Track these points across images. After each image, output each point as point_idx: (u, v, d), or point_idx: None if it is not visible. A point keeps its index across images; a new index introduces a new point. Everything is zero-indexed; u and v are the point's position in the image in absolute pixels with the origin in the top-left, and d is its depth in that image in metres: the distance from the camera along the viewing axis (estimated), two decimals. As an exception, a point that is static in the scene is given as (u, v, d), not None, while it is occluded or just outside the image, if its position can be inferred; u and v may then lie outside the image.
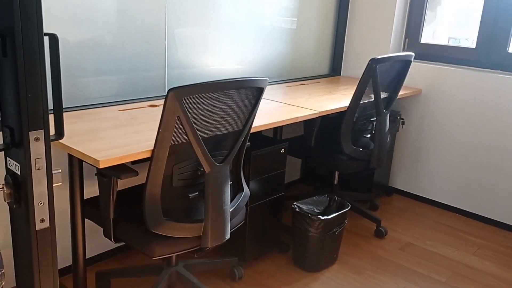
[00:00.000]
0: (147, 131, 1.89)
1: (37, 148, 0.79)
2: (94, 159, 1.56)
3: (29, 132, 0.78)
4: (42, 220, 0.84)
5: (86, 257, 2.09)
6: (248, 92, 1.78)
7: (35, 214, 0.83)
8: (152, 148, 1.64)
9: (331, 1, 3.44)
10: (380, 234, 2.85)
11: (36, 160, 0.80)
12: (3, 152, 0.82)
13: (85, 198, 1.96)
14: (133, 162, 2.03)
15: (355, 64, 3.54)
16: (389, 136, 2.78)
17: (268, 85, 3.07)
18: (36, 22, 0.74)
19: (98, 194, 1.85)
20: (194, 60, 2.66)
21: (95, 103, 2.25)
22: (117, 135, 1.82)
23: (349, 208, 2.45)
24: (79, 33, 2.12)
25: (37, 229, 0.84)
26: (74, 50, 2.13)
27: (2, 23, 0.75)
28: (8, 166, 0.85)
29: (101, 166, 1.56)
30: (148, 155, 1.66)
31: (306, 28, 3.32)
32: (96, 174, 1.78)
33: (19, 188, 0.83)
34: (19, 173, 0.82)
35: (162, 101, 1.59)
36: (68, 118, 2.01)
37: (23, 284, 0.90)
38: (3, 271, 0.93)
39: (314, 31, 3.40)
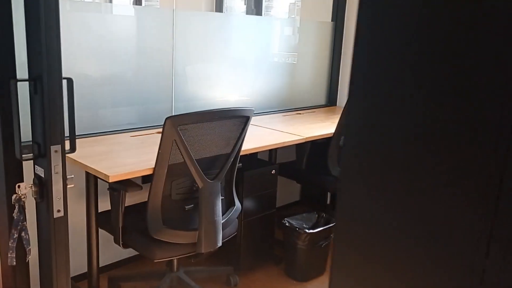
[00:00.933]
0: (152, 153, 2.22)
1: (55, 158, 1.13)
2: (105, 174, 1.90)
3: (51, 146, 1.11)
4: (58, 211, 1.17)
5: (100, 266, 2.41)
6: (236, 120, 2.12)
7: (54, 206, 1.16)
8: (153, 166, 1.98)
9: (327, 37, 3.80)
10: (367, 249, 3.09)
11: (55, 166, 1.13)
12: (31, 161, 1.16)
13: (99, 211, 2.30)
14: (144, 181, 2.37)
15: (349, 95, 3.85)
16: (375, 159, 3.06)
17: (267, 114, 3.42)
18: (58, 70, 1.08)
19: (109, 208, 2.19)
20: (199, 93, 3.02)
21: (111, 130, 2.61)
22: (127, 156, 2.17)
23: (334, 223, 2.73)
24: (99, 70, 2.50)
25: (54, 217, 1.16)
26: (96, 85, 2.51)
27: (35, 71, 1.10)
28: (36, 171, 1.19)
29: (110, 181, 1.90)
30: (150, 172, 1.99)
31: (304, 62, 3.67)
32: (108, 189, 2.12)
33: (43, 187, 1.16)
34: (43, 176, 1.15)
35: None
36: (87, 142, 2.37)
37: (45, 257, 1.22)
38: (29, 247, 1.26)
39: (312, 65, 3.75)
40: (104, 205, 2.61)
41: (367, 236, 1.14)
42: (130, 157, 2.15)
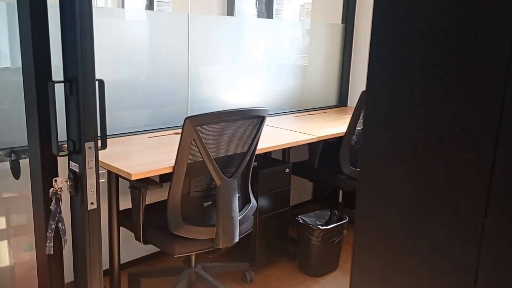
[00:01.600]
0: (171, 153, 2.31)
1: (89, 154, 1.21)
2: (127, 172, 1.99)
3: (85, 143, 1.19)
4: (92, 203, 1.25)
5: (121, 263, 2.50)
6: (251, 120, 2.20)
7: (88, 198, 1.24)
8: (173, 165, 2.06)
9: (337, 39, 3.87)
10: (379, 246, 3.16)
11: (88, 161, 1.21)
12: (64, 158, 1.25)
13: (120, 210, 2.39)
14: (162, 180, 2.46)
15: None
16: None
17: (280, 114, 3.50)
18: (91, 72, 1.17)
19: (128, 207, 2.28)
20: (213, 95, 3.10)
21: (128, 132, 2.71)
22: (146, 155, 2.26)
23: (347, 220, 2.80)
24: (116, 73, 2.60)
25: (88, 209, 1.25)
26: (112, 88, 2.60)
27: (70, 73, 1.19)
28: (70, 167, 1.27)
29: (133, 178, 1.98)
30: (170, 170, 2.08)
31: (316, 64, 3.75)
32: (129, 187, 2.21)
33: (77, 181, 1.25)
34: (77, 171, 1.24)
35: (183, 129, 2.03)
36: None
37: (79, 247, 1.30)
38: (65, 238, 1.34)
39: (323, 67, 3.82)
40: (124, 204, 2.71)
41: (388, 212, 1.22)
42: (149, 156, 2.23)
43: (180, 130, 2.88)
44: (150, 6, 4.99)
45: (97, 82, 1.22)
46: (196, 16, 2.88)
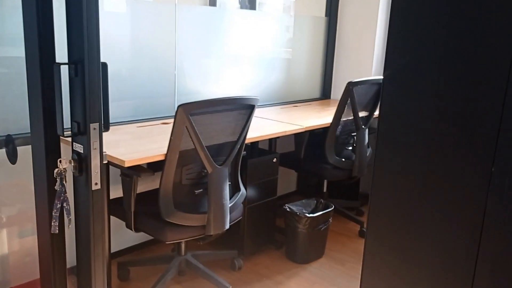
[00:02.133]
0: (161, 141, 2.33)
1: (94, 135, 1.23)
2: (120, 160, 2.00)
3: (90, 124, 1.21)
4: (96, 184, 1.27)
5: (111, 251, 2.51)
6: (242, 108, 2.23)
7: (92, 179, 1.26)
8: (165, 152, 2.08)
9: (321, 32, 3.93)
10: (363, 234, 3.24)
11: (93, 142, 1.23)
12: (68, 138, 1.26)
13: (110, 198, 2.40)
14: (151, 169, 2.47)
15: (343, 88, 3.99)
16: (369, 149, 3.21)
17: (265, 106, 3.54)
18: (97, 55, 1.18)
19: (119, 196, 2.29)
20: (200, 87, 3.12)
21: (117, 121, 2.71)
22: (137, 144, 2.27)
23: (332, 208, 2.87)
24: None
25: (93, 189, 1.27)
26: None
27: (75, 55, 1.20)
28: (74, 148, 1.29)
29: (126, 165, 2.00)
30: (162, 158, 2.10)
31: (299, 57, 3.80)
32: (120, 175, 2.22)
33: (82, 162, 1.26)
34: (82, 152, 1.25)
35: (173, 120, 2.05)
36: (96, 132, 2.46)
37: (83, 228, 1.32)
38: (70, 217, 1.36)
39: (306, 60, 3.88)
40: (113, 193, 2.71)
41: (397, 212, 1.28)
42: (140, 145, 2.25)
43: (168, 120, 2.91)
44: None
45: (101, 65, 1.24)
46: (183, 6, 2.90)
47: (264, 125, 2.85)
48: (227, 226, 2.30)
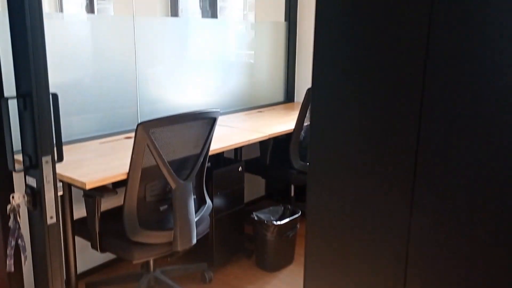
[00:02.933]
0: (124, 159, 2.30)
1: (47, 168, 1.20)
2: (81, 182, 1.96)
3: (42, 157, 1.18)
4: (51, 217, 1.24)
5: (78, 272, 2.46)
6: (203, 122, 2.22)
7: (47, 213, 1.23)
8: (127, 171, 2.05)
9: (281, 37, 3.95)
10: (332, 237, 3.27)
11: (46, 176, 1.20)
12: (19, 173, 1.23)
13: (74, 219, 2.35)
14: (115, 186, 2.43)
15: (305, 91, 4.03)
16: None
17: (229, 113, 3.53)
18: (46, 86, 1.15)
19: (84, 216, 2.25)
20: (163, 95, 3.09)
21: (80, 138, 2.66)
22: (99, 163, 2.23)
23: (299, 214, 2.89)
24: (62, 76, 2.54)
25: (48, 223, 1.24)
26: (58, 92, 2.54)
27: (23, 88, 1.17)
28: (27, 182, 1.26)
29: (87, 188, 1.96)
30: (124, 176, 2.07)
31: (262, 62, 3.81)
32: (83, 196, 2.18)
33: (35, 196, 1.23)
34: (35, 186, 1.22)
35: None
36: (56, 152, 2.41)
37: (40, 263, 1.29)
38: (26, 254, 1.32)
39: (269, 64, 3.89)
40: (78, 212, 2.66)
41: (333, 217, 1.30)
42: (102, 163, 2.21)
43: (131, 134, 2.87)
44: (90, 5, 4.88)
45: (51, 96, 1.22)
46: (141, 18, 2.86)
47: (228, 134, 2.84)
48: (194, 241, 2.29)
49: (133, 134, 2.83)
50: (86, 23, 2.63)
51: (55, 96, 1.22)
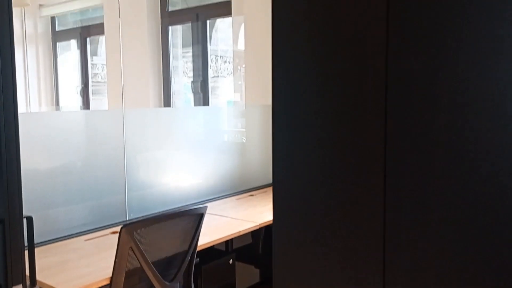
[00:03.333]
0: (108, 259, 2.22)
1: (18, 297, 1.15)
2: (61, 290, 1.89)
3: (13, 287, 1.13)
4: None
5: None
6: (190, 218, 2.18)
7: None
8: (110, 275, 1.98)
9: (270, 119, 3.99)
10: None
11: (17, 305, 1.15)
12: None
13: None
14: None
15: (298, 172, 4.02)
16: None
17: (220, 198, 3.49)
18: (19, 212, 1.13)
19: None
20: (152, 180, 3.07)
21: (64, 235, 2.59)
22: (82, 265, 2.16)
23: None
24: (49, 163, 2.53)
25: None
26: (45, 179, 2.51)
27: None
28: (-2, 312, 1.19)
29: (68, 296, 1.88)
30: (107, 282, 1.99)
31: (253, 144, 3.83)
32: (64, 302, 2.09)
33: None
34: (5, 315, 1.16)
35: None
36: (40, 252, 2.34)
37: None
38: None
39: (259, 146, 3.90)
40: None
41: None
42: (86, 266, 2.14)
43: (117, 228, 2.80)
44: (87, 104, 5.09)
45: (25, 220, 1.18)
46: (130, 110, 2.90)
47: (218, 225, 2.78)
48: None
49: (119, 228, 2.79)
50: (79, 119, 2.67)
51: (29, 220, 1.19)
